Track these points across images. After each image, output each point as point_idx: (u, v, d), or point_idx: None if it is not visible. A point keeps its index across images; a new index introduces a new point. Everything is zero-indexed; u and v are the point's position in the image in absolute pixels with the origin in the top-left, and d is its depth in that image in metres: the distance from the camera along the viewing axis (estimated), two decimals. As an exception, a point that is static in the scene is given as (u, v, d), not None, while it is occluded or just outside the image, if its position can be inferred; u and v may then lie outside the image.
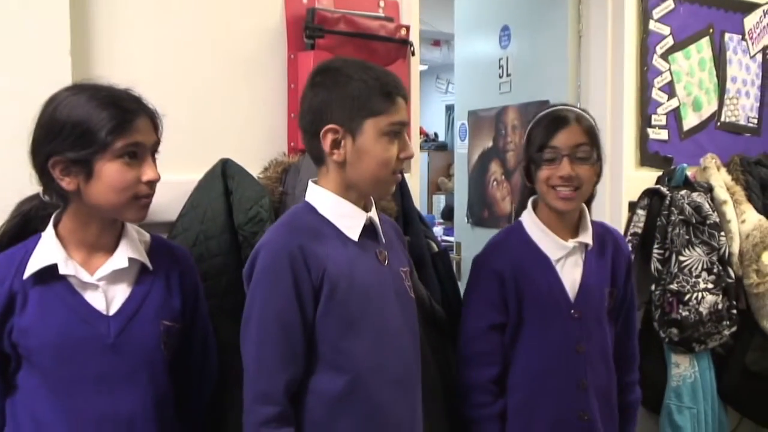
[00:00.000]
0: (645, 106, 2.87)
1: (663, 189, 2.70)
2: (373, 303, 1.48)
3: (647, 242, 2.66)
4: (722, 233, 2.66)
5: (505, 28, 3.37)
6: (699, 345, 2.60)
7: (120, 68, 1.81)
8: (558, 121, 1.77)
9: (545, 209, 1.83)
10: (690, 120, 3.02)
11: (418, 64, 2.29)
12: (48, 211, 1.44)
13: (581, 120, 1.79)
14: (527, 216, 1.87)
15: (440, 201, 7.74)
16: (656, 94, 2.90)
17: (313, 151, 1.50)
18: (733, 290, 2.66)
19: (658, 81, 2.90)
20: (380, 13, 2.20)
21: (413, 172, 2.23)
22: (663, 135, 2.93)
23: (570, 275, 1.81)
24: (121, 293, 1.42)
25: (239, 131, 2.02)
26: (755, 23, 3.22)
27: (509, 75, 3.34)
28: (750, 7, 3.20)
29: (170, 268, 1.50)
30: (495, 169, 3.44)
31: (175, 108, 1.76)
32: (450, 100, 8.01)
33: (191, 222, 1.78)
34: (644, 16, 2.84)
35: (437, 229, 6.52)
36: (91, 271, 1.39)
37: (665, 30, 2.91)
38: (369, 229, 1.52)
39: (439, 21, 5.01)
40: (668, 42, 2.92)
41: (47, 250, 1.37)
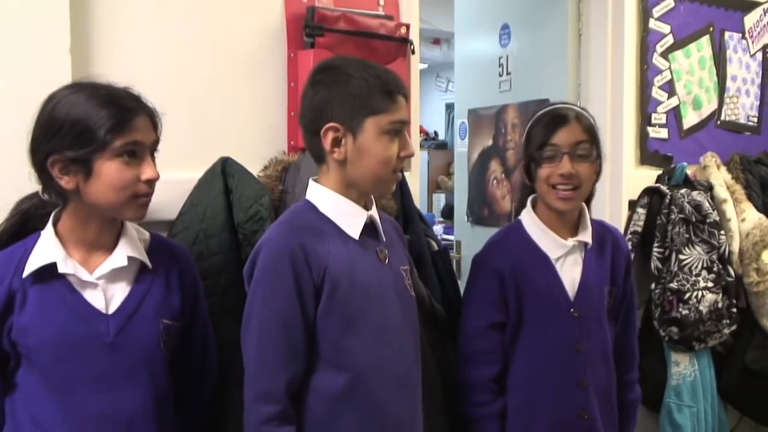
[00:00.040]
0: (645, 105, 2.86)
1: (663, 188, 2.70)
2: (374, 301, 1.47)
3: (647, 241, 2.66)
4: (722, 232, 2.66)
5: (505, 27, 3.36)
6: (699, 343, 2.60)
7: (120, 67, 1.80)
8: (558, 119, 1.77)
9: (545, 208, 1.83)
10: (690, 118, 3.02)
11: (418, 63, 2.29)
12: (47, 210, 1.44)
13: (581, 118, 1.79)
14: (527, 215, 1.87)
15: (440, 199, 7.73)
16: (656, 93, 2.90)
17: (314, 150, 1.50)
18: (733, 289, 2.66)
19: (658, 79, 2.90)
20: (380, 12, 2.20)
21: (413, 171, 2.22)
22: (663, 133, 2.93)
23: (570, 274, 1.81)
24: (121, 292, 1.41)
25: (239, 130, 2.01)
26: (755, 22, 3.22)
27: (509, 73, 3.34)
28: (750, 6, 3.20)
29: (170, 267, 1.50)
30: (495, 168, 3.43)
31: (175, 106, 1.76)
32: (450, 99, 8.00)
33: (191, 220, 1.78)
34: (644, 15, 2.84)
35: (437, 228, 6.51)
36: (91, 270, 1.39)
37: (665, 28, 2.91)
38: (369, 228, 1.52)
39: (439, 19, 5.01)
40: (668, 40, 2.92)
41: (46, 249, 1.37)
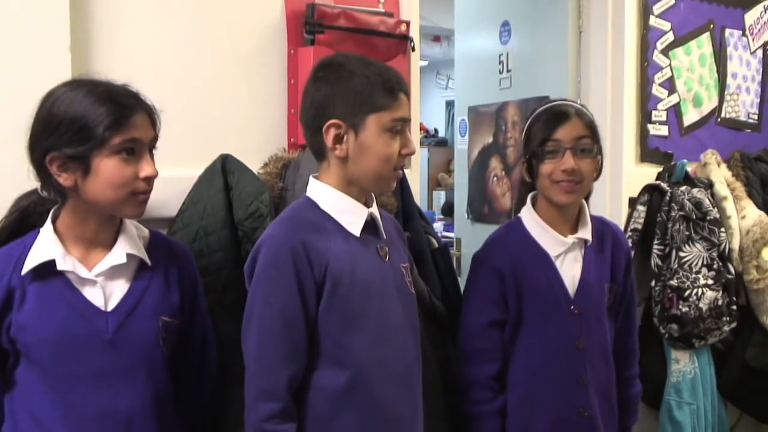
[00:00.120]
0: (645, 102, 2.86)
1: (663, 185, 2.70)
2: (375, 299, 1.47)
3: (647, 238, 2.66)
4: (722, 229, 2.66)
5: (506, 24, 3.36)
6: (699, 341, 2.60)
7: (120, 64, 1.80)
8: (559, 116, 1.77)
9: (545, 205, 1.83)
10: (690, 116, 3.01)
11: (419, 60, 2.29)
12: (46, 207, 1.43)
13: (581, 114, 1.79)
14: (526, 212, 1.87)
15: (440, 197, 7.72)
16: (656, 90, 2.89)
17: (315, 146, 1.50)
18: (733, 286, 2.66)
19: (659, 77, 2.89)
20: (380, 9, 2.20)
21: (413, 168, 2.22)
22: (663, 131, 2.92)
23: (570, 271, 1.81)
24: (120, 289, 1.41)
25: (239, 127, 2.01)
26: (756, 19, 3.21)
27: (509, 71, 3.34)
28: (750, 3, 3.20)
29: (169, 264, 1.49)
30: (495, 165, 3.43)
31: (175, 103, 1.76)
32: (450, 96, 7.99)
33: (191, 218, 1.78)
34: (644, 12, 2.83)
35: (437, 225, 6.50)
36: (90, 267, 1.39)
37: (666, 25, 2.90)
38: (370, 225, 1.52)
39: (440, 16, 5.00)
40: (669, 38, 2.92)
41: (45, 246, 1.37)
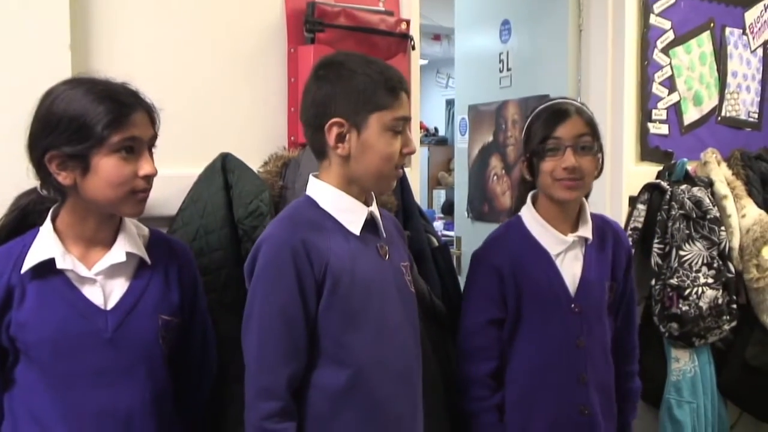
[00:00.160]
0: (645, 101, 2.86)
1: (663, 184, 2.70)
2: (375, 297, 1.47)
3: (647, 237, 2.66)
4: (722, 228, 2.66)
5: (506, 23, 3.36)
6: (699, 340, 2.60)
7: (120, 63, 1.80)
8: (559, 113, 1.77)
9: (545, 203, 1.83)
10: (690, 114, 3.01)
11: (419, 59, 2.29)
12: (46, 206, 1.43)
13: (582, 112, 1.79)
14: (527, 211, 1.86)
15: (440, 195, 7.71)
16: (657, 89, 2.89)
17: (316, 145, 1.49)
18: (733, 285, 2.66)
19: (659, 75, 2.89)
20: (380, 7, 2.20)
21: (413, 167, 2.22)
22: (663, 129, 2.92)
23: (570, 269, 1.81)
24: (119, 288, 1.41)
25: (239, 125, 2.01)
26: (756, 17, 3.21)
27: (509, 69, 3.34)
28: (751, 2, 3.19)
29: (169, 263, 1.49)
30: (495, 164, 3.43)
31: (175, 102, 1.76)
32: (450, 95, 7.98)
33: (191, 216, 1.78)
34: (645, 10, 2.83)
35: (437, 224, 6.50)
36: (89, 266, 1.39)
37: (666, 24, 2.90)
38: (370, 224, 1.52)
39: (440, 15, 4.99)
40: (669, 36, 2.91)
41: (45, 245, 1.37)
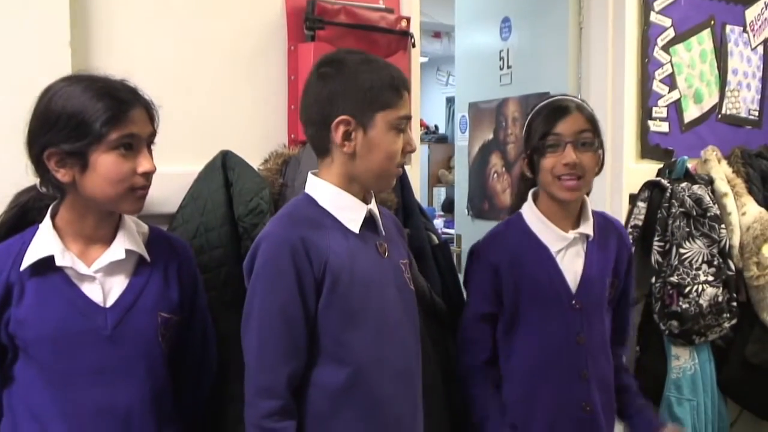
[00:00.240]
0: (646, 99, 2.86)
1: (663, 181, 2.70)
2: (374, 295, 1.47)
3: (648, 235, 2.66)
4: (723, 226, 2.66)
5: (506, 20, 3.36)
6: (699, 337, 2.60)
7: (119, 60, 1.80)
8: (559, 110, 1.77)
9: (546, 201, 1.83)
10: (691, 112, 3.01)
11: (419, 56, 2.28)
12: (45, 203, 1.43)
13: (582, 108, 1.79)
14: (528, 208, 1.86)
15: (440, 193, 7.71)
16: (657, 86, 2.89)
17: (319, 143, 1.48)
18: (734, 283, 2.66)
19: (659, 73, 2.89)
20: (381, 5, 2.19)
21: (414, 165, 2.22)
22: (664, 127, 2.92)
23: (572, 266, 1.80)
24: (119, 285, 1.41)
25: (239, 123, 2.01)
26: (756, 15, 3.21)
27: (510, 67, 3.33)
28: (751, -1, 3.20)
29: (168, 260, 1.49)
30: (495, 162, 3.43)
31: (175, 99, 1.76)
32: (450, 92, 7.98)
33: (192, 214, 1.77)
34: (645, 8, 2.83)
35: (438, 222, 6.51)
36: (88, 263, 1.39)
37: (666, 22, 2.90)
38: (369, 222, 1.51)
39: (440, 12, 4.99)
40: (669, 34, 2.91)
41: (44, 242, 1.36)
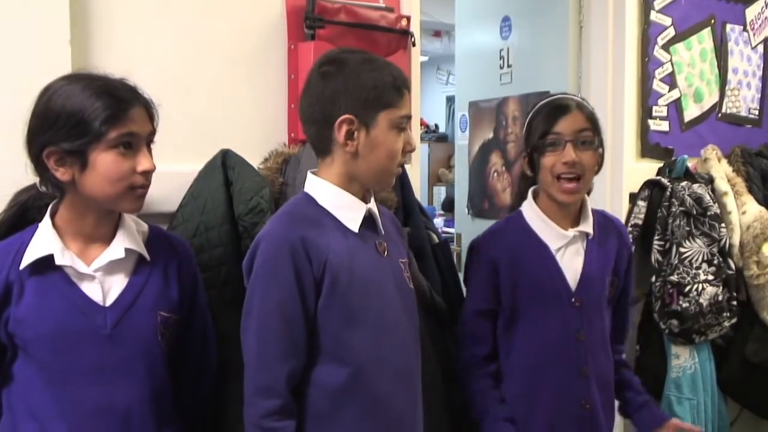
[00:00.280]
0: (646, 98, 2.86)
1: (664, 180, 2.70)
2: (374, 295, 1.47)
3: (648, 234, 2.66)
4: (723, 224, 2.66)
5: (506, 19, 3.36)
6: (699, 336, 2.60)
7: (119, 58, 1.80)
8: (560, 108, 1.77)
9: (546, 199, 1.83)
10: (691, 111, 3.01)
11: (419, 55, 2.28)
12: (45, 202, 1.43)
13: (582, 107, 1.79)
14: (527, 206, 1.86)
15: (441, 192, 7.72)
16: (657, 85, 2.89)
17: (320, 142, 1.47)
18: (734, 281, 2.66)
19: (659, 72, 2.89)
20: (381, 4, 2.19)
21: (414, 164, 2.22)
22: (664, 126, 2.92)
23: (571, 264, 1.80)
24: (118, 284, 1.41)
25: (239, 122, 2.01)
26: (757, 14, 3.21)
27: (510, 66, 3.33)
28: (752, -2, 3.19)
29: (168, 259, 1.49)
30: (495, 160, 3.43)
31: (175, 98, 1.76)
32: (450, 92, 7.98)
33: (191, 213, 1.77)
34: (645, 7, 2.83)
35: (438, 221, 6.52)
36: (88, 262, 1.39)
37: (666, 21, 2.90)
38: (368, 221, 1.51)
39: (440, 11, 5.00)
40: (669, 33, 2.91)
41: (44, 241, 1.36)
